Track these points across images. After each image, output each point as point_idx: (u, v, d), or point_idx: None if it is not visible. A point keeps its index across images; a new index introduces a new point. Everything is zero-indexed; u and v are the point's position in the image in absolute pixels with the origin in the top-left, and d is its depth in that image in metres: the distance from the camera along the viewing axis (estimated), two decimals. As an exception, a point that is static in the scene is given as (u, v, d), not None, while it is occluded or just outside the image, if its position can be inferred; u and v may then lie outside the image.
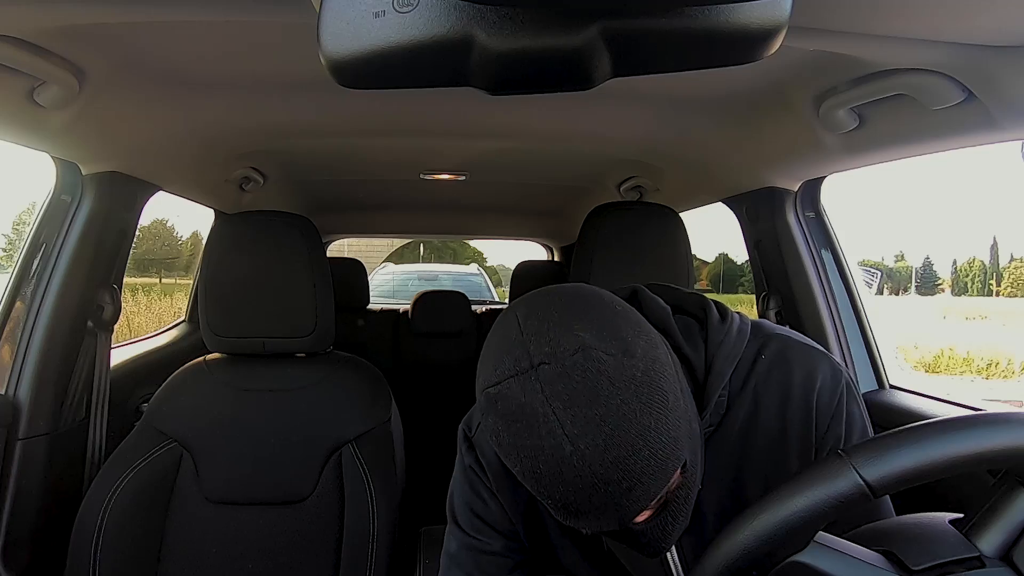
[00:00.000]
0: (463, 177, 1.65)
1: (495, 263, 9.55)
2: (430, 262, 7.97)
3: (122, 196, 1.14)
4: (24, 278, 1.06)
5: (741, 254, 1.46)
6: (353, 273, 2.16)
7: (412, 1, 0.35)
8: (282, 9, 0.60)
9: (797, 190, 1.24)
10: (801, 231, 1.25)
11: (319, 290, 1.10)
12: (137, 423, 1.10)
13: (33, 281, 1.06)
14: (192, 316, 1.79)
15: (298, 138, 1.22)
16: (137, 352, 1.50)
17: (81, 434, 1.15)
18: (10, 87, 0.75)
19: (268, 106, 1.03)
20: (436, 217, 2.39)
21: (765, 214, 1.27)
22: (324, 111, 1.07)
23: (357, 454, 1.07)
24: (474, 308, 2.24)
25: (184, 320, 1.80)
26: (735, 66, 0.40)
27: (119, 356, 1.38)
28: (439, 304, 2.21)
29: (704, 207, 1.57)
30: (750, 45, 0.38)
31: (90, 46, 0.76)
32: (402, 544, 1.06)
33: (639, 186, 1.61)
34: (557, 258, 2.83)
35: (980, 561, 0.41)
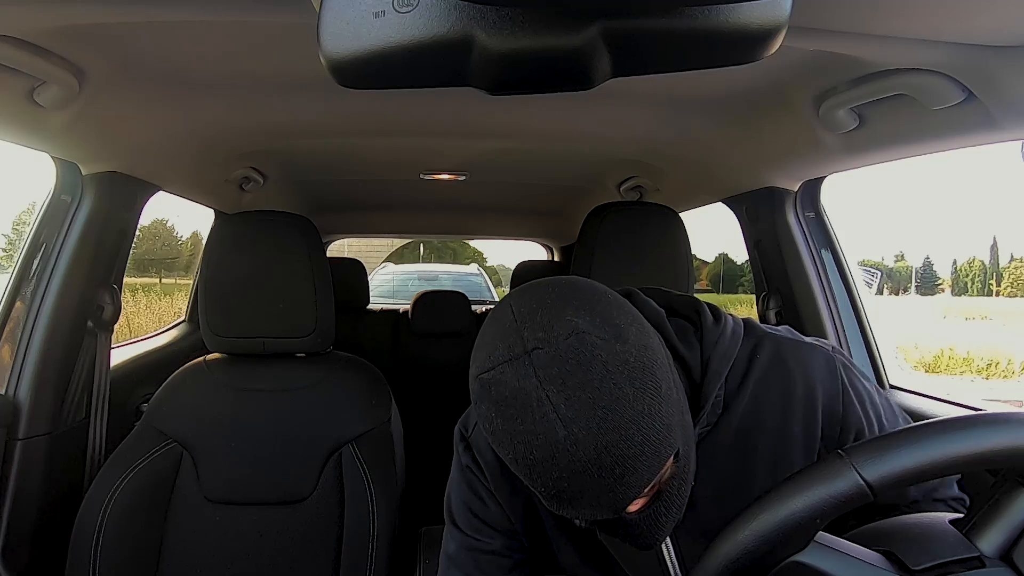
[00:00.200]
0: (463, 177, 1.65)
1: (495, 263, 9.57)
2: (430, 262, 7.97)
3: (122, 196, 1.14)
4: (24, 278, 1.06)
5: (741, 254, 1.46)
6: (353, 273, 2.16)
7: (412, 1, 0.35)
8: (282, 9, 0.60)
9: (797, 190, 1.24)
10: (801, 231, 1.25)
11: (319, 290, 1.10)
12: (137, 423, 1.10)
13: (33, 281, 1.06)
14: (192, 316, 1.79)
15: (298, 138, 1.22)
16: (137, 352, 1.50)
17: (81, 434, 1.15)
18: (10, 87, 0.75)
19: (268, 106, 1.03)
20: (436, 217, 2.38)
21: (765, 214, 1.27)
22: (324, 111, 1.07)
23: (357, 454, 1.07)
24: (474, 308, 2.24)
25: (184, 320, 1.80)
26: (735, 66, 0.40)
27: (119, 356, 1.38)
28: (439, 304, 2.21)
29: (704, 207, 1.57)
30: (750, 45, 0.38)
31: (90, 46, 0.76)
32: (402, 544, 1.05)
33: (639, 186, 1.61)
34: (557, 258, 2.82)
35: (980, 561, 0.41)
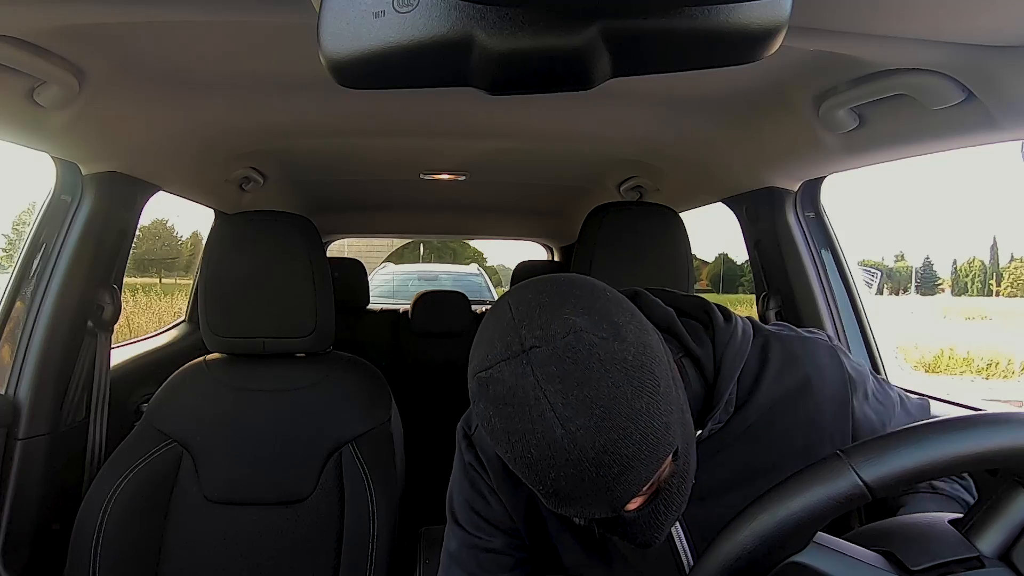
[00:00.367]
0: (463, 177, 1.65)
1: (495, 263, 9.57)
2: (430, 262, 7.98)
3: (122, 196, 1.14)
4: (24, 278, 1.06)
5: (741, 254, 1.46)
6: (353, 273, 2.16)
7: (412, 1, 0.35)
8: (282, 9, 0.60)
9: (797, 190, 1.24)
10: (801, 231, 1.25)
11: (319, 290, 1.10)
12: (137, 423, 1.10)
13: (33, 281, 1.06)
14: (192, 316, 1.79)
15: (298, 138, 1.22)
16: (137, 352, 1.50)
17: (81, 434, 1.15)
18: (10, 87, 0.75)
19: (268, 106, 1.03)
20: (436, 217, 2.38)
21: (765, 214, 1.27)
22: (324, 111, 1.07)
23: (357, 454, 1.07)
24: (474, 308, 2.24)
25: (184, 320, 1.80)
26: (735, 66, 0.40)
27: (119, 356, 1.38)
28: (439, 304, 2.21)
29: (704, 207, 1.57)
30: (750, 45, 0.38)
31: (90, 46, 0.76)
32: (402, 544, 1.05)
33: (639, 186, 1.61)
34: (557, 258, 2.82)
35: (980, 561, 0.41)
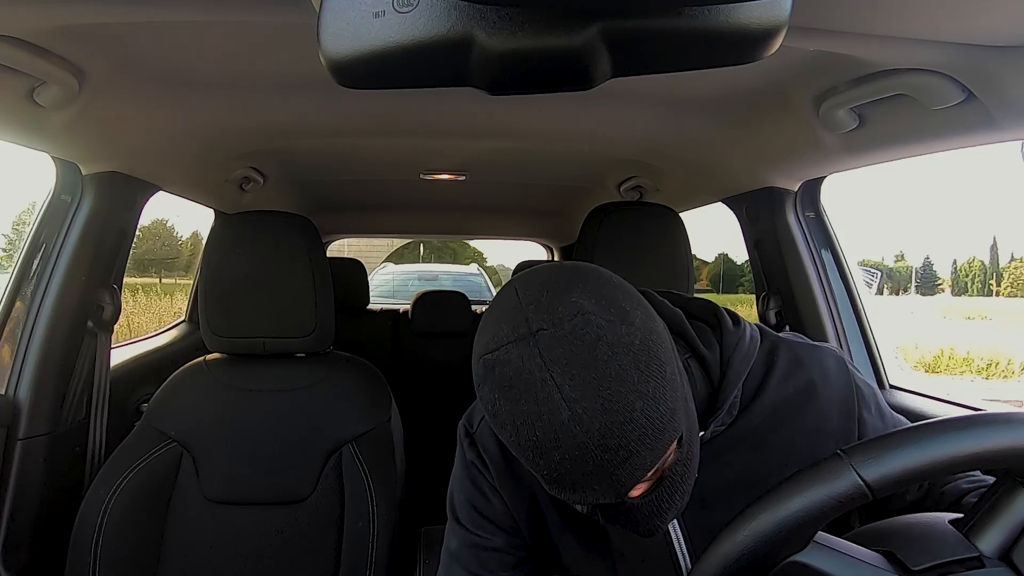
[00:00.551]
0: (463, 177, 1.65)
1: (495, 263, 9.58)
2: (430, 262, 7.98)
3: (122, 196, 1.14)
4: (24, 278, 1.06)
5: (741, 254, 1.46)
6: (353, 273, 2.16)
7: (412, 1, 0.35)
8: (282, 9, 0.60)
9: (797, 190, 1.24)
10: (801, 231, 1.25)
11: (319, 290, 1.10)
12: (137, 423, 1.10)
13: (33, 281, 1.06)
14: (192, 316, 1.79)
15: (298, 138, 1.22)
16: (137, 352, 1.50)
17: (81, 434, 1.15)
18: (10, 87, 0.75)
19: (268, 106, 1.03)
20: (436, 217, 2.38)
21: (765, 214, 1.27)
22: (324, 111, 1.07)
23: (357, 454, 1.07)
24: (474, 308, 2.24)
25: (184, 320, 1.80)
26: (735, 66, 0.40)
27: (119, 356, 1.38)
28: (439, 304, 2.21)
29: (704, 207, 1.57)
30: (750, 45, 0.38)
31: (90, 46, 0.76)
32: (402, 544, 1.05)
33: (639, 186, 1.61)
34: (557, 258, 2.83)
35: (980, 561, 0.41)
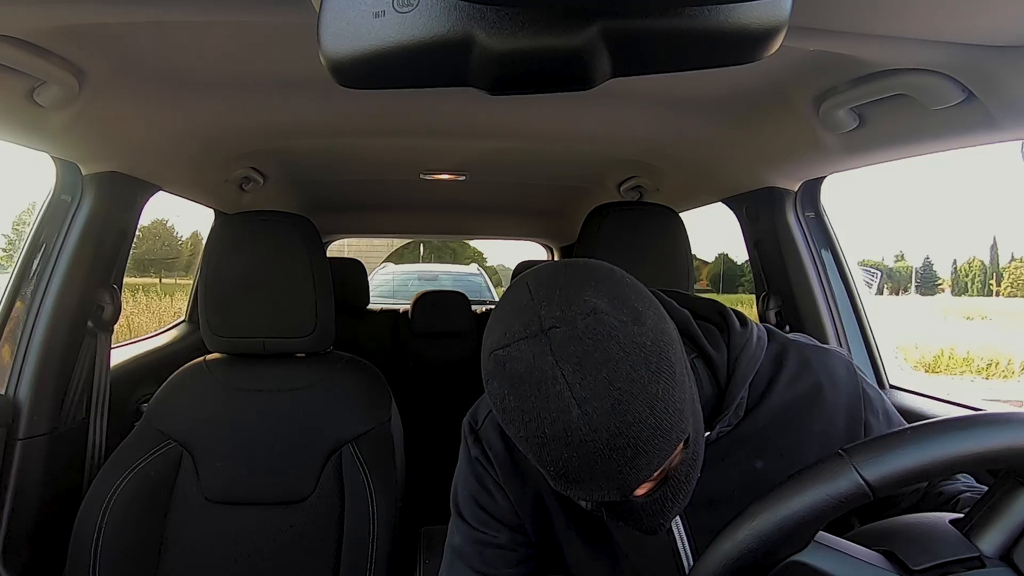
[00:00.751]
0: (463, 177, 1.65)
1: (495, 263, 9.59)
2: (430, 262, 7.98)
3: (122, 196, 1.14)
4: (24, 278, 1.06)
5: (741, 254, 1.46)
6: (353, 273, 2.16)
7: (412, 1, 0.35)
8: (282, 9, 0.60)
9: (797, 190, 1.24)
10: (801, 231, 1.25)
11: (319, 290, 1.10)
12: (137, 423, 1.10)
13: (33, 281, 1.06)
14: (192, 316, 1.79)
15: (298, 138, 1.22)
16: (137, 352, 1.50)
17: (81, 434, 1.15)
18: (10, 87, 0.75)
19: (268, 106, 1.03)
20: (436, 217, 2.38)
21: (765, 214, 1.27)
22: (324, 111, 1.07)
23: (357, 454, 1.07)
24: (474, 308, 2.24)
25: (184, 320, 1.80)
26: (735, 66, 0.40)
27: (119, 356, 1.38)
28: (439, 304, 2.21)
29: (704, 207, 1.57)
30: (750, 45, 0.38)
31: (90, 46, 0.76)
32: (402, 544, 1.05)
33: (639, 186, 1.61)
34: (557, 258, 2.83)
35: (980, 561, 0.41)
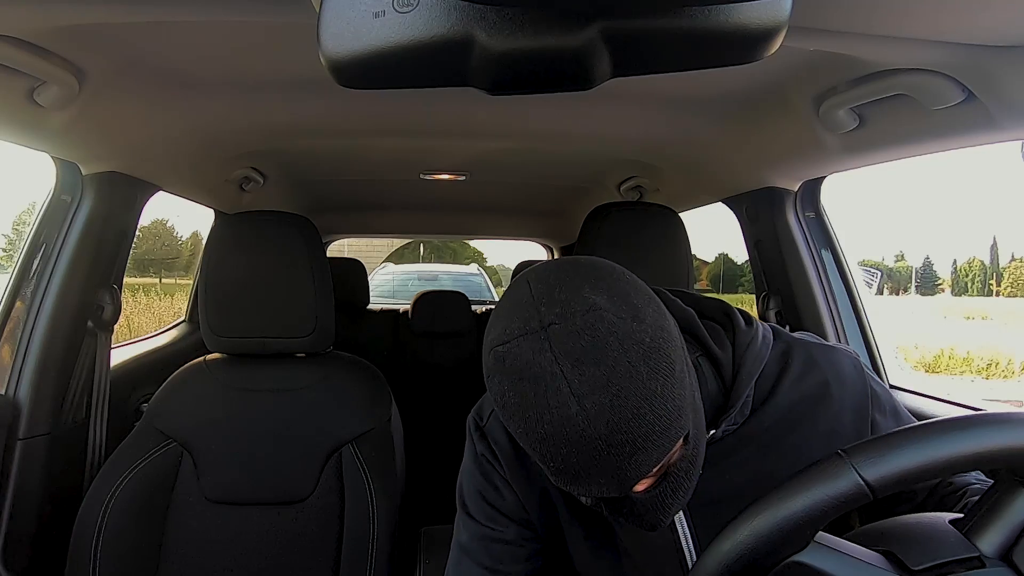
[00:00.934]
0: (463, 177, 1.65)
1: (495, 263, 9.58)
2: (430, 262, 7.97)
3: (122, 196, 1.14)
4: (24, 278, 1.06)
5: (741, 254, 1.46)
6: (353, 273, 2.16)
7: (412, 1, 0.35)
8: (282, 9, 0.60)
9: (797, 190, 1.24)
10: (801, 231, 1.25)
11: (319, 290, 1.10)
12: (137, 423, 1.10)
13: (33, 281, 1.06)
14: (192, 316, 1.79)
15: (298, 138, 1.22)
16: (137, 352, 1.50)
17: (81, 434, 1.15)
18: (10, 87, 0.75)
19: (268, 106, 1.03)
20: (436, 217, 2.38)
21: (765, 214, 1.27)
22: (324, 111, 1.07)
23: (357, 454, 1.07)
24: (474, 308, 2.24)
25: (184, 320, 1.80)
26: (735, 66, 0.40)
27: (119, 356, 1.38)
28: (439, 304, 2.21)
29: (704, 207, 1.57)
30: (750, 45, 0.38)
31: (90, 46, 0.76)
32: (402, 544, 1.05)
33: (639, 186, 1.61)
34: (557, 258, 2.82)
35: (980, 561, 0.41)
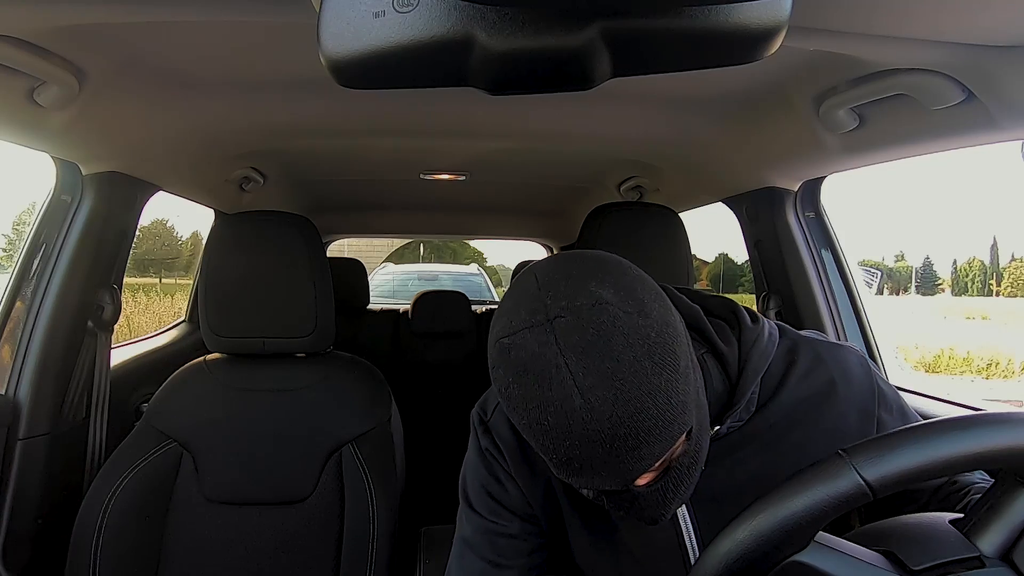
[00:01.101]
0: (463, 177, 1.65)
1: (495, 263, 9.59)
2: (430, 262, 7.98)
3: (122, 196, 1.14)
4: (24, 278, 1.06)
5: (741, 254, 1.46)
6: (353, 273, 2.16)
7: (412, 1, 0.35)
8: (282, 9, 0.60)
9: (797, 190, 1.24)
10: (801, 231, 1.25)
11: (319, 290, 1.10)
12: (137, 423, 1.10)
13: (33, 281, 1.06)
14: (192, 316, 1.79)
15: (298, 138, 1.22)
16: (137, 352, 1.50)
17: (81, 434, 1.15)
18: (10, 87, 0.75)
19: (268, 106, 1.03)
20: (436, 217, 2.38)
21: (765, 214, 1.27)
22: (324, 111, 1.07)
23: (357, 454, 1.07)
24: (474, 308, 2.24)
25: (184, 320, 1.80)
26: (735, 66, 0.40)
27: (119, 356, 1.38)
28: (439, 304, 2.21)
29: (704, 207, 1.57)
30: (750, 45, 0.38)
31: (90, 46, 0.76)
32: (402, 544, 1.05)
33: (639, 186, 1.61)
34: (557, 257, 2.82)
35: (980, 561, 0.41)
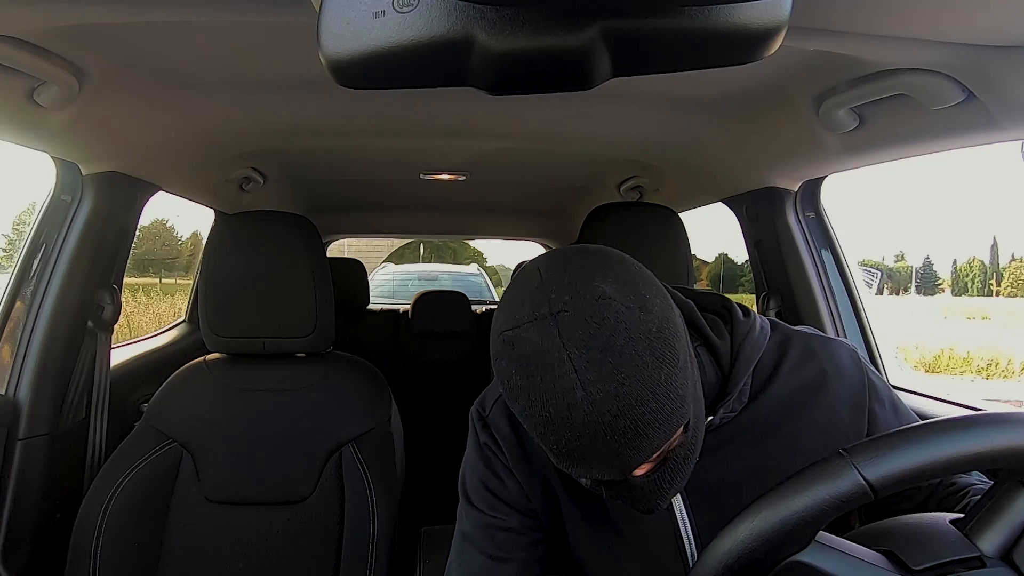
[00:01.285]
0: (463, 177, 1.65)
1: (495, 263, 9.58)
2: (430, 262, 7.97)
3: (122, 196, 1.14)
4: (24, 278, 1.06)
5: (741, 254, 1.46)
6: (353, 273, 2.16)
7: (412, 1, 0.35)
8: (282, 9, 0.60)
9: (797, 190, 1.24)
10: (801, 231, 1.25)
11: (319, 290, 1.10)
12: (137, 423, 1.10)
13: (33, 281, 1.06)
14: (192, 316, 1.79)
15: (298, 138, 1.22)
16: (137, 352, 1.50)
17: (81, 434, 1.15)
18: (10, 87, 0.75)
19: (268, 106, 1.03)
20: (436, 217, 2.38)
21: (765, 214, 1.27)
22: (324, 111, 1.07)
23: (357, 454, 1.07)
24: (474, 308, 2.24)
25: (184, 320, 1.80)
26: (735, 66, 0.40)
27: (119, 356, 1.38)
28: (439, 304, 2.21)
29: (704, 207, 1.57)
30: (750, 45, 0.38)
31: (90, 46, 0.76)
32: (402, 544, 1.05)
33: (639, 186, 1.61)
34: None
35: (981, 561, 0.41)
